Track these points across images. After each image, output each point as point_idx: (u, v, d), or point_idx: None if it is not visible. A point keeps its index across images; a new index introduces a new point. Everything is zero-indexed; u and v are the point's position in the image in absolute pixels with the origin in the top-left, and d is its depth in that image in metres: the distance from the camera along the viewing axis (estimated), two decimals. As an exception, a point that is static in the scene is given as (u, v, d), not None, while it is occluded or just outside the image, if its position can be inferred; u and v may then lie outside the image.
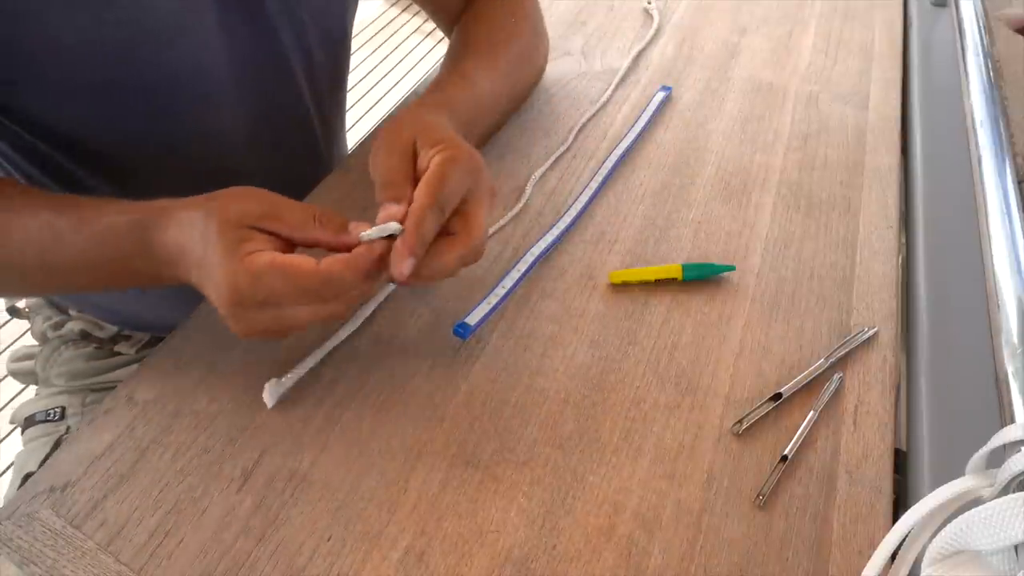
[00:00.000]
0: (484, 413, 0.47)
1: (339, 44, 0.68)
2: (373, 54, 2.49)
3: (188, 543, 0.40)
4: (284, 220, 0.42)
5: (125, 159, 0.57)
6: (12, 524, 0.40)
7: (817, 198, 0.64)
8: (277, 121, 0.64)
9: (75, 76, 0.50)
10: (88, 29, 0.48)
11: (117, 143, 0.55)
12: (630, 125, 0.70)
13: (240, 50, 0.57)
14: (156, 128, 0.56)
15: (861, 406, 0.49)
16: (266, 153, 0.64)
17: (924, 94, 0.77)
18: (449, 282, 0.54)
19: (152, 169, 0.58)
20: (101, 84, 0.51)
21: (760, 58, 0.80)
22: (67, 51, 0.48)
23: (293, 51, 0.61)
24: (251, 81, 0.59)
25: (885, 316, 0.54)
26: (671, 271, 0.55)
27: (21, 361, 0.73)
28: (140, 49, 0.51)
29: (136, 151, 0.57)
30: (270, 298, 0.40)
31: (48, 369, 0.69)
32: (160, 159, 0.58)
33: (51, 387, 0.70)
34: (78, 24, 0.47)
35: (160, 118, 0.55)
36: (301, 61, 0.63)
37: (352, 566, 0.40)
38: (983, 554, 0.27)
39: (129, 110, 0.53)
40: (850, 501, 0.44)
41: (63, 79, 0.50)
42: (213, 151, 0.60)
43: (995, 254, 0.46)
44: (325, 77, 0.68)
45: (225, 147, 0.60)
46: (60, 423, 0.67)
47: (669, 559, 0.41)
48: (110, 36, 0.49)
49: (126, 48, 0.50)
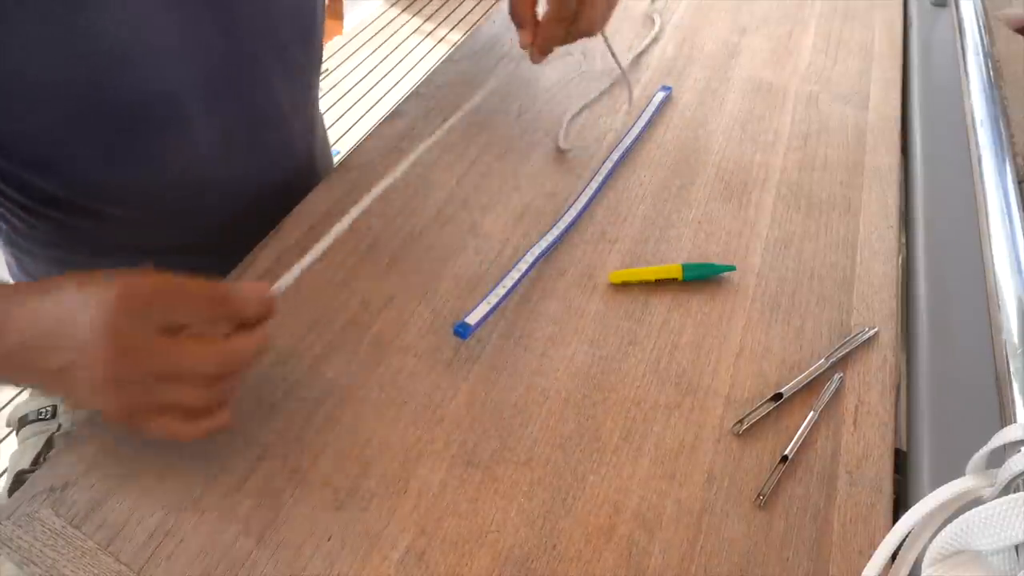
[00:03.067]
0: (484, 413, 0.47)
1: (311, 32, 0.66)
2: (373, 54, 2.49)
3: (188, 543, 0.40)
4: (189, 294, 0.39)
5: (96, 174, 0.56)
6: (12, 524, 0.40)
7: (817, 198, 0.64)
8: (251, 124, 0.63)
9: (42, 108, 0.48)
10: (55, 65, 0.46)
11: (87, 160, 0.54)
12: (630, 125, 0.70)
13: (210, 61, 0.55)
14: (127, 145, 0.55)
15: (861, 406, 0.49)
16: (240, 157, 0.63)
17: (924, 94, 0.77)
18: (449, 282, 0.55)
19: (124, 181, 0.57)
20: (70, 114, 0.49)
21: (760, 58, 0.80)
22: (34, 86, 0.47)
23: (266, 53, 0.60)
24: (224, 89, 0.58)
25: (885, 316, 0.54)
26: (671, 271, 0.55)
27: None
28: (108, 77, 0.49)
29: (107, 167, 0.55)
30: (163, 308, 0.37)
31: None
32: (131, 171, 0.57)
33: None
34: (44, 61, 0.46)
35: (131, 135, 0.54)
36: (276, 62, 0.62)
37: (352, 566, 0.40)
38: (983, 554, 0.27)
39: (98, 132, 0.52)
40: (850, 501, 0.44)
41: (29, 111, 0.48)
42: (186, 160, 0.59)
43: (995, 254, 0.46)
44: (299, 72, 0.67)
45: (199, 155, 0.59)
46: (51, 421, 0.67)
47: (669, 559, 0.41)
48: (78, 68, 0.47)
49: (93, 77, 0.48)
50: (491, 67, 0.76)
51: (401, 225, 0.59)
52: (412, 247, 0.57)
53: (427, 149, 0.54)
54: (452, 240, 0.58)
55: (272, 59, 0.61)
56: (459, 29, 2.63)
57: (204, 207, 0.62)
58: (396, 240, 0.58)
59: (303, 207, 0.60)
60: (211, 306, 0.39)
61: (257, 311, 0.41)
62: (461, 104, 0.71)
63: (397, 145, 0.66)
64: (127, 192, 0.58)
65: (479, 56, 0.78)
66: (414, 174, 0.64)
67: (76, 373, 0.37)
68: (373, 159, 0.64)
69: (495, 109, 0.71)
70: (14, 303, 0.39)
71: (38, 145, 0.53)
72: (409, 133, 0.67)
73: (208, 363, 0.38)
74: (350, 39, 2.55)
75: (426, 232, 0.59)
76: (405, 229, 0.59)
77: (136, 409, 0.39)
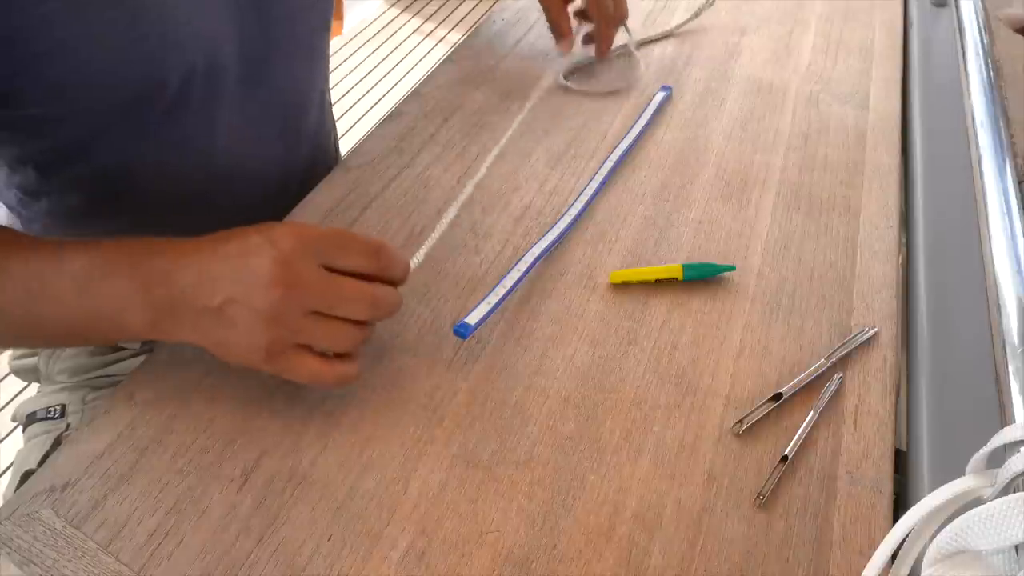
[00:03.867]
0: (484, 413, 0.47)
1: (330, 21, 0.70)
2: (373, 54, 2.49)
3: (188, 543, 0.40)
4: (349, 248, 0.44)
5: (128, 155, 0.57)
6: (12, 524, 0.40)
7: (817, 198, 0.64)
8: (277, 109, 0.65)
9: (97, 92, 0.50)
10: (117, 47, 0.48)
11: (123, 141, 0.56)
12: (630, 125, 0.70)
13: (243, 44, 0.57)
14: (163, 127, 0.56)
15: (861, 406, 0.49)
16: (265, 142, 0.65)
17: (924, 94, 0.77)
18: (449, 282, 0.55)
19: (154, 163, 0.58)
20: (120, 97, 0.51)
21: (760, 58, 0.80)
22: (96, 72, 0.49)
23: (293, 39, 0.62)
24: (253, 73, 0.60)
25: (885, 316, 0.54)
26: (671, 271, 0.55)
27: (24, 359, 0.73)
28: (161, 59, 0.51)
29: (141, 149, 0.57)
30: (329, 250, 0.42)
31: (51, 365, 0.69)
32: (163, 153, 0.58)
33: (53, 384, 0.70)
34: (109, 44, 0.48)
35: (168, 117, 0.55)
36: (301, 48, 0.65)
37: (352, 566, 0.40)
38: (983, 554, 0.27)
39: (139, 114, 0.54)
40: (850, 501, 0.44)
41: (84, 95, 0.50)
42: (215, 143, 0.60)
43: (995, 254, 0.46)
44: (320, 60, 0.70)
45: (227, 139, 0.61)
46: (60, 421, 0.67)
47: (669, 559, 0.41)
48: (136, 51, 0.49)
49: (148, 61, 0.50)
50: (491, 67, 0.76)
51: (401, 225, 0.59)
52: (412, 247, 0.57)
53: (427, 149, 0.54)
54: (452, 240, 0.58)
55: (298, 45, 0.64)
56: (459, 29, 2.63)
57: (228, 192, 0.64)
58: (396, 240, 0.58)
59: (304, 206, 0.60)
60: (368, 255, 0.43)
61: (401, 273, 0.45)
62: (461, 104, 0.71)
63: (397, 145, 0.66)
64: (154, 175, 0.59)
65: (479, 56, 0.78)
66: (414, 174, 0.64)
67: (236, 309, 0.40)
68: (373, 159, 0.64)
69: (495, 109, 0.71)
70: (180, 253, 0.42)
71: (79, 127, 0.54)
72: (409, 133, 0.67)
73: (362, 301, 0.42)
74: (350, 39, 2.56)
75: (426, 232, 0.59)
76: (405, 229, 0.59)
77: (283, 346, 0.41)
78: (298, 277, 0.41)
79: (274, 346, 0.41)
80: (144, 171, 0.59)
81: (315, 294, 0.41)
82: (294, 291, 0.40)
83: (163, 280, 0.41)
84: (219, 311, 0.41)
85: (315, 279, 0.41)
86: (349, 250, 0.43)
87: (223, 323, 0.41)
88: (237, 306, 0.40)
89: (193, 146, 0.59)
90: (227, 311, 0.41)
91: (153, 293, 0.41)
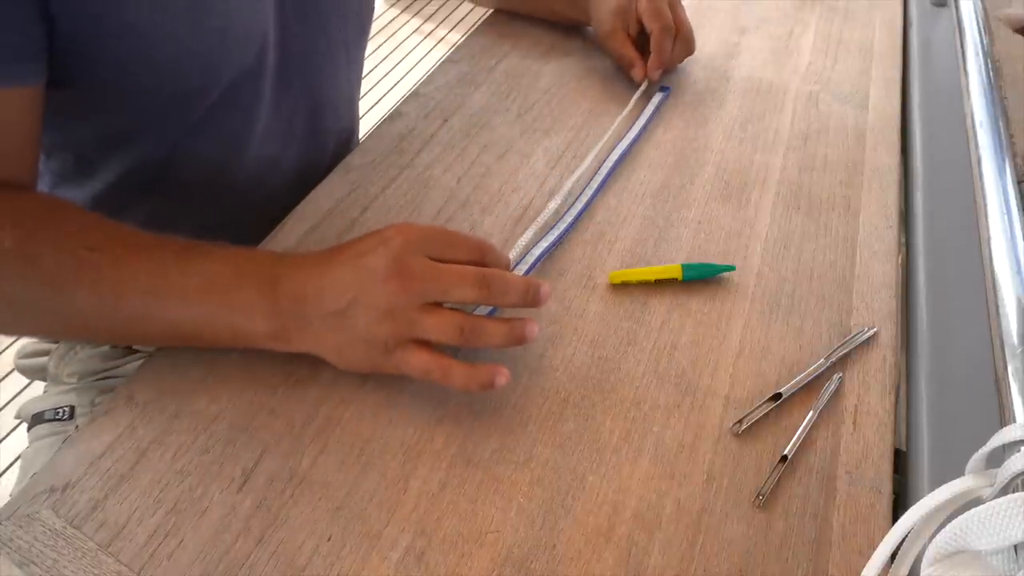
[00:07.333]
0: (484, 413, 0.47)
1: (367, 31, 0.73)
2: (373, 54, 2.48)
3: (188, 543, 0.40)
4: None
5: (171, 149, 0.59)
6: (12, 524, 0.40)
7: (817, 198, 0.64)
8: (313, 110, 0.67)
9: (159, 85, 0.52)
10: (181, 38, 0.50)
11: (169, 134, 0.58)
12: (629, 125, 0.70)
13: (285, 44, 0.60)
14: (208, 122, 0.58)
15: (861, 406, 0.49)
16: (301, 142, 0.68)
17: (924, 94, 0.77)
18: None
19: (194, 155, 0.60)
20: (175, 90, 0.53)
21: (760, 58, 0.80)
22: (162, 65, 0.51)
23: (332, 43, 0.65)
24: (294, 74, 0.62)
25: (885, 316, 0.54)
26: (671, 271, 0.55)
27: (31, 358, 0.72)
28: (219, 54, 0.53)
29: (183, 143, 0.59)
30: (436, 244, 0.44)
31: (61, 367, 0.69)
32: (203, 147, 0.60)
33: (61, 385, 0.70)
34: (174, 34, 0.50)
35: (212, 112, 0.57)
36: (340, 52, 0.67)
37: (352, 566, 0.40)
38: (983, 554, 0.27)
39: (188, 109, 0.56)
40: (850, 501, 0.44)
41: (144, 89, 0.52)
42: (254, 140, 0.62)
43: (995, 254, 0.46)
44: (355, 66, 0.73)
45: (265, 136, 0.63)
46: (69, 423, 0.66)
47: (669, 559, 0.41)
48: (199, 45, 0.51)
49: (208, 55, 0.52)
50: (491, 67, 0.76)
51: (401, 225, 0.59)
52: (412, 247, 0.57)
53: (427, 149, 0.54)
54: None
55: (336, 50, 0.66)
56: (459, 29, 2.63)
57: (255, 184, 0.66)
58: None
59: (304, 207, 0.60)
60: (471, 249, 0.46)
61: (504, 266, 0.48)
62: (461, 104, 0.71)
63: (397, 145, 0.66)
64: (189, 167, 0.61)
65: (479, 56, 0.78)
66: (414, 174, 0.64)
67: (358, 308, 0.43)
68: (373, 159, 0.64)
69: (495, 109, 0.71)
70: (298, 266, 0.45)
71: (130, 116, 0.56)
72: (409, 133, 0.67)
73: (472, 280, 0.44)
74: (350, 39, 2.55)
75: (426, 232, 0.59)
76: (405, 229, 0.59)
77: (400, 340, 0.44)
78: (411, 270, 0.43)
79: (392, 340, 0.43)
80: (180, 163, 0.60)
81: (428, 282, 0.43)
82: (409, 283, 0.43)
83: (291, 292, 0.44)
84: (343, 314, 0.43)
85: (427, 269, 0.43)
86: (455, 245, 0.46)
87: (347, 325, 0.43)
88: (358, 306, 0.43)
89: (231, 141, 0.61)
90: (349, 313, 0.43)
91: (281, 303, 0.44)
